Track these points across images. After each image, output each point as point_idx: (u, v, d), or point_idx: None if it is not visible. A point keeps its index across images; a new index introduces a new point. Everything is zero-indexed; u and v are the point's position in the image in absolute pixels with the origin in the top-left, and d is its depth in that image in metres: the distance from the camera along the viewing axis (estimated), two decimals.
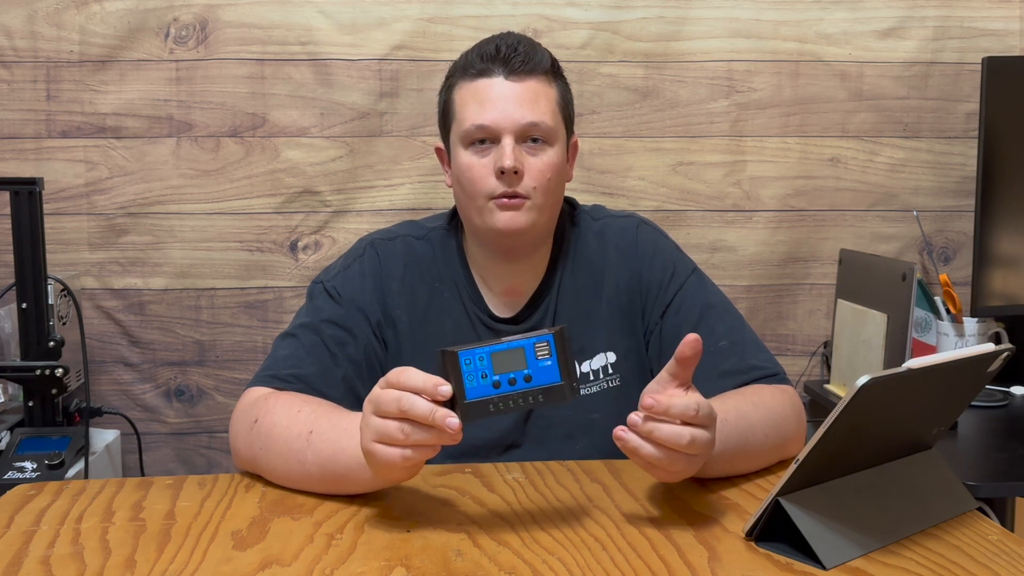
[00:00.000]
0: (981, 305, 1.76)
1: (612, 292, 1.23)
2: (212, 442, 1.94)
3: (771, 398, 1.09)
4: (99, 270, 1.89)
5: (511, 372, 0.85)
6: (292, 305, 1.90)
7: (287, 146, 1.88)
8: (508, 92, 1.13)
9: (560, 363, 0.85)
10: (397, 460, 0.86)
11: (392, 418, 0.85)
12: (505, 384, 0.84)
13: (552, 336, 0.85)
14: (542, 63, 1.16)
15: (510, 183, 1.12)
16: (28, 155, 1.86)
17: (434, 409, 0.83)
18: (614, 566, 0.82)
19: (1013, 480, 1.38)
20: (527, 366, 0.85)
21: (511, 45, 1.14)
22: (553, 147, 1.15)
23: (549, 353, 0.85)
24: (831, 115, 1.94)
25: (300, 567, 0.82)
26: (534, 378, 0.85)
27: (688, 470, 0.88)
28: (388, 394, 0.85)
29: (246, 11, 1.84)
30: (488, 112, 1.12)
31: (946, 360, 0.85)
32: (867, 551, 0.84)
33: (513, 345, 0.85)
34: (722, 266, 1.95)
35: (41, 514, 0.95)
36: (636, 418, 0.85)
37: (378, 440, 0.86)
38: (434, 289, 1.22)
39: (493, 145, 1.13)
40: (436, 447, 0.86)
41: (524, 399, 0.85)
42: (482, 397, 0.84)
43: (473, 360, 0.84)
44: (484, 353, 0.84)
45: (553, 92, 1.17)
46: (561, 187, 1.19)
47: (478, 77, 1.14)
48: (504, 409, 0.85)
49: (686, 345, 0.87)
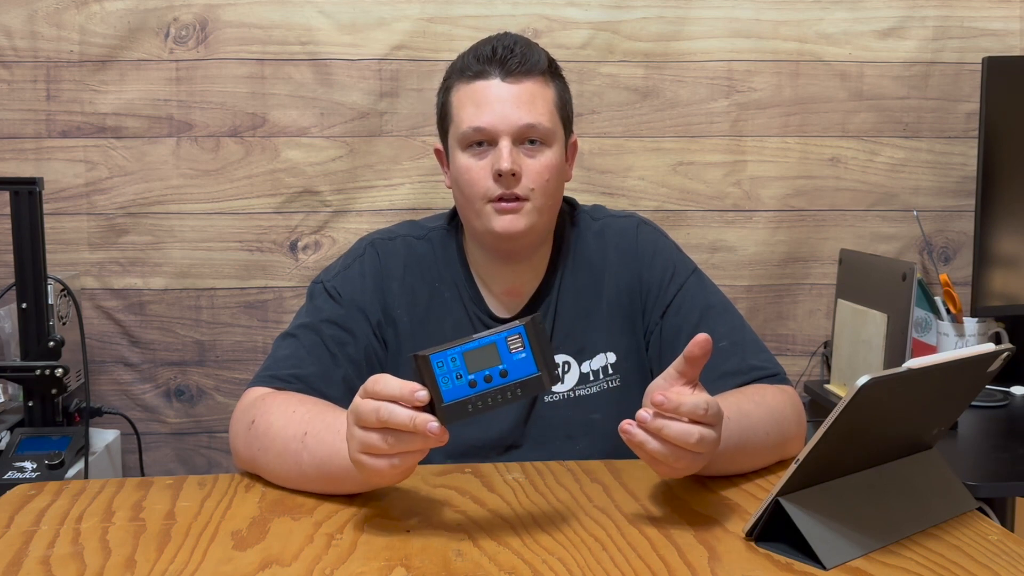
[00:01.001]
0: (981, 305, 1.76)
1: (612, 292, 1.23)
2: (212, 442, 1.94)
3: (772, 397, 1.09)
4: (99, 270, 1.89)
5: (486, 369, 0.83)
6: (292, 305, 1.90)
7: (287, 146, 1.88)
8: (505, 94, 1.13)
9: (535, 353, 0.84)
10: (385, 469, 0.86)
11: (373, 429, 0.84)
12: (481, 382, 0.83)
13: (523, 328, 0.84)
14: (539, 64, 1.15)
15: (508, 185, 1.12)
16: (28, 155, 1.86)
17: (414, 416, 0.82)
18: (614, 566, 0.82)
19: (1013, 480, 1.38)
20: (501, 361, 0.83)
21: (507, 46, 1.14)
22: (551, 148, 1.15)
23: (522, 345, 0.84)
24: (831, 115, 1.94)
25: (300, 567, 0.82)
26: (510, 372, 0.84)
27: (692, 467, 0.88)
28: (367, 404, 0.84)
29: (246, 11, 1.84)
30: (485, 115, 1.12)
31: (946, 360, 0.85)
32: (867, 551, 0.84)
33: (484, 342, 0.83)
34: (722, 266, 1.95)
35: (41, 514, 0.95)
36: (645, 415, 0.85)
37: (363, 451, 0.86)
38: (434, 289, 1.22)
39: (491, 147, 1.13)
40: (424, 450, 0.86)
41: (503, 395, 0.83)
42: (460, 398, 0.83)
43: (445, 362, 0.82)
44: (456, 353, 0.83)
45: (550, 93, 1.17)
46: (560, 188, 1.19)
47: (475, 79, 1.14)
48: (483, 408, 0.83)
49: (696, 345, 0.87)
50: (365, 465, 0.86)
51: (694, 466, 0.88)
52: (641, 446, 0.86)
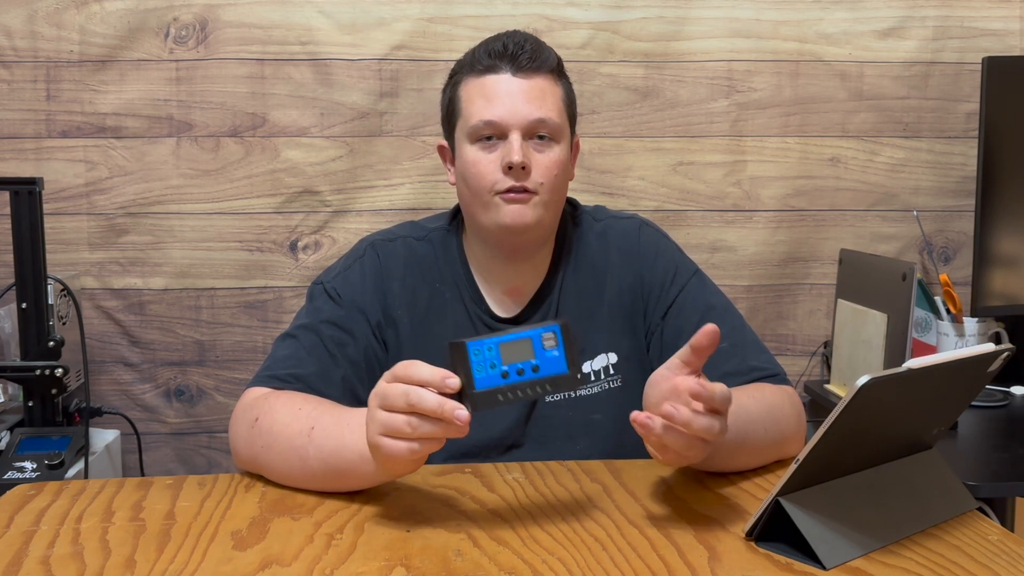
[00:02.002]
0: (981, 305, 1.76)
1: (614, 293, 1.23)
2: (212, 442, 1.94)
3: (771, 394, 1.09)
4: (99, 270, 1.89)
5: (519, 362, 0.85)
6: (292, 305, 1.90)
7: (287, 146, 1.88)
8: (516, 88, 1.13)
9: (567, 353, 0.86)
10: (404, 453, 0.86)
11: (400, 411, 0.85)
12: (513, 374, 0.85)
13: (559, 327, 0.87)
14: (548, 61, 1.16)
15: (517, 178, 1.13)
16: (28, 155, 1.86)
17: (443, 402, 0.83)
18: (614, 566, 0.82)
19: (1013, 480, 1.38)
20: (535, 356, 0.86)
21: (518, 43, 1.15)
22: (559, 144, 1.16)
23: (556, 344, 0.86)
24: (831, 115, 1.94)
25: (300, 567, 0.82)
26: (541, 368, 0.86)
27: (700, 455, 0.89)
28: (396, 387, 0.85)
29: (246, 11, 1.84)
30: (496, 108, 1.13)
31: (946, 360, 0.85)
32: (867, 551, 0.84)
33: (521, 335, 0.86)
34: (722, 266, 1.95)
35: (41, 514, 0.95)
36: (671, 409, 0.84)
37: (385, 433, 0.86)
38: (435, 290, 1.22)
39: (500, 141, 1.14)
40: (442, 440, 0.86)
41: (532, 388, 0.86)
42: (491, 387, 0.84)
43: (482, 351, 0.84)
44: (492, 344, 0.85)
45: (559, 90, 1.17)
46: (565, 185, 1.20)
47: (485, 73, 1.15)
48: (513, 399, 0.85)
49: (704, 335, 0.87)
50: (383, 448, 0.87)
51: (702, 454, 0.89)
52: (660, 438, 0.86)
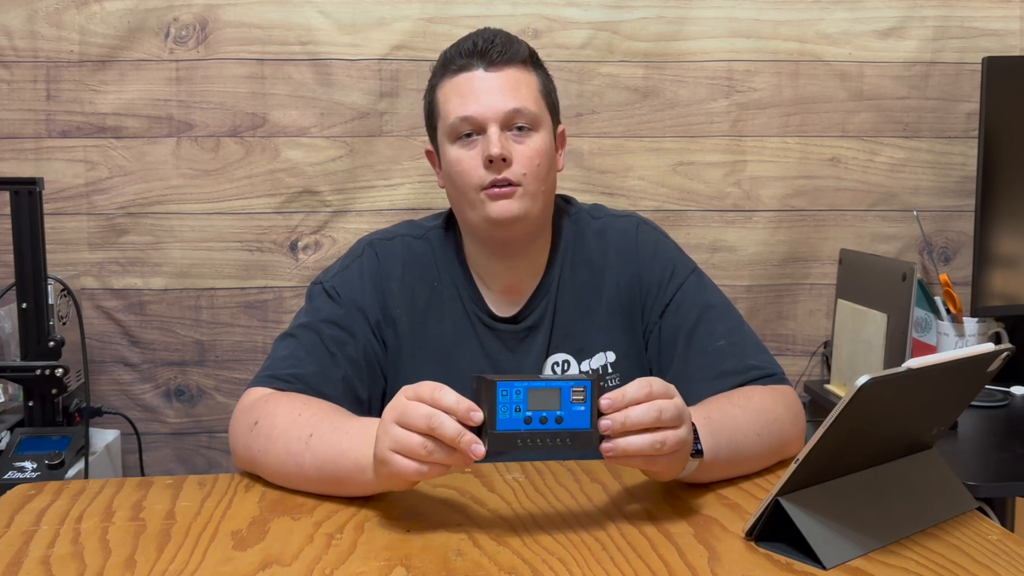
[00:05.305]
0: (981, 305, 1.76)
1: (612, 291, 1.23)
2: (212, 442, 1.94)
3: (760, 399, 1.09)
4: (99, 270, 1.89)
5: (544, 411, 0.84)
6: (292, 305, 1.90)
7: (287, 146, 1.88)
8: (489, 83, 1.14)
9: (593, 410, 0.85)
10: (411, 474, 0.86)
11: (417, 432, 0.85)
12: (536, 421, 0.84)
13: (590, 383, 0.85)
14: (519, 53, 1.17)
15: (499, 171, 1.13)
16: (28, 155, 1.86)
17: (462, 432, 0.83)
18: (614, 566, 0.82)
19: (1013, 480, 1.38)
20: (560, 407, 0.85)
21: (487, 38, 1.16)
22: (539, 133, 1.16)
23: (584, 399, 0.85)
24: (831, 115, 1.94)
25: (300, 567, 0.82)
26: (565, 420, 0.85)
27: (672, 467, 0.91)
28: (418, 408, 0.85)
29: (246, 11, 1.84)
30: (471, 104, 1.13)
31: (946, 360, 0.85)
32: (867, 551, 0.84)
33: (551, 384, 0.85)
34: (722, 266, 1.95)
35: (41, 514, 0.95)
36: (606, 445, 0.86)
37: (397, 450, 0.86)
38: (433, 289, 1.22)
39: (479, 136, 1.14)
40: (448, 468, 0.87)
41: (552, 439, 0.85)
42: (512, 430, 0.84)
43: (510, 392, 0.84)
44: (521, 387, 0.84)
45: (534, 79, 1.18)
46: (552, 174, 1.19)
47: (458, 72, 1.16)
48: (531, 446, 0.84)
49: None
50: (391, 464, 0.87)
51: (674, 465, 0.91)
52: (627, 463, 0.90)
